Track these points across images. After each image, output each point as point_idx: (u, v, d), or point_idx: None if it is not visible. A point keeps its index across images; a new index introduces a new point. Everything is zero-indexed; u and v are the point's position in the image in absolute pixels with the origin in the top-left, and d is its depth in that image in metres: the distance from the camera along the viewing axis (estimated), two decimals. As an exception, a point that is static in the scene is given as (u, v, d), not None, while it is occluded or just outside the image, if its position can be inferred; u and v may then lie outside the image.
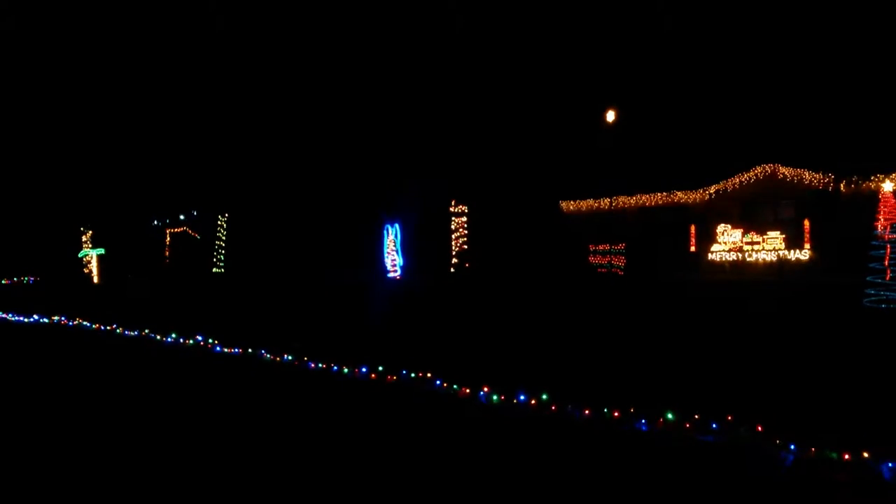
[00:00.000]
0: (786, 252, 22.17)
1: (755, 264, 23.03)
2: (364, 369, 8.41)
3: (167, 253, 43.74)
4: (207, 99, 42.32)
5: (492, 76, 34.76)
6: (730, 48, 29.21)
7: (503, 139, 32.81)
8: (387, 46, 38.46)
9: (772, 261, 22.46)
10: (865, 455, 4.80)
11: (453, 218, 33.04)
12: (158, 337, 12.35)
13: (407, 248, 33.73)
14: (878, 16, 25.66)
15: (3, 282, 40.43)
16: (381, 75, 38.95)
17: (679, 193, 25.96)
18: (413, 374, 7.98)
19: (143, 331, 13.01)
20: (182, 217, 43.06)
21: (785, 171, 23.14)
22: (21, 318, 16.85)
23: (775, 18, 28.68)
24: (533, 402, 6.66)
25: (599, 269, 27.01)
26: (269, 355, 9.84)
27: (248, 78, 41.73)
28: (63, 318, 15.99)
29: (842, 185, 21.52)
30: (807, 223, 22.14)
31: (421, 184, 33.43)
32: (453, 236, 33.21)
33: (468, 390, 7.22)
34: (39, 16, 41.54)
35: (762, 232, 23.22)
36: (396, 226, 33.79)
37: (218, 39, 41.47)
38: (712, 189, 25.08)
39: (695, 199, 25.58)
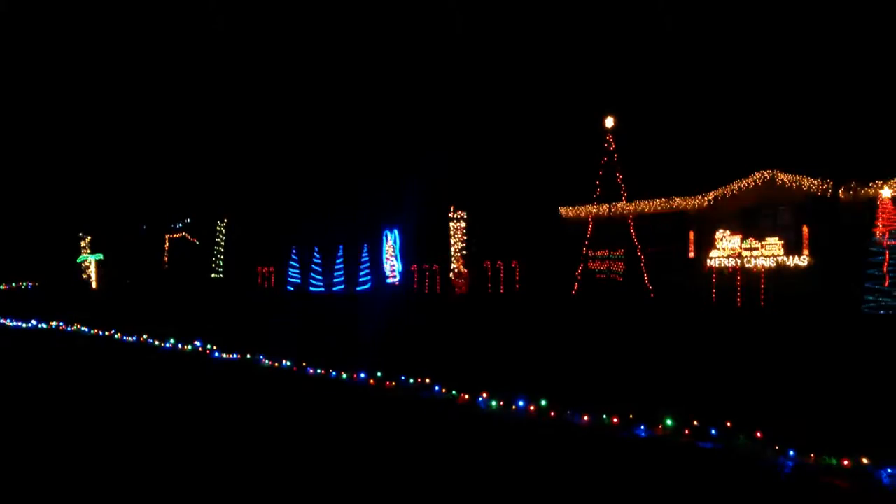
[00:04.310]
0: (784, 258, 22.13)
1: (754, 270, 23.05)
2: (363, 375, 8.38)
3: (166, 259, 43.64)
4: (205, 103, 42.35)
5: (490, 80, 34.80)
6: (729, 54, 29.29)
7: (501, 144, 32.79)
8: (386, 49, 38.50)
9: (770, 267, 22.43)
10: (864, 461, 4.79)
11: (451, 224, 32.94)
12: (157, 342, 12.32)
13: (406, 254, 33.64)
14: (877, 20, 25.75)
15: (0, 287, 40.37)
16: (380, 80, 38.99)
17: (678, 199, 25.99)
18: (412, 380, 7.96)
19: (142, 336, 12.97)
20: (181, 222, 43.00)
21: (783, 176, 23.14)
22: (19, 323, 16.79)
23: (773, 23, 28.78)
24: (532, 407, 6.65)
25: (598, 276, 27.00)
26: (267, 361, 9.82)
27: (244, 82, 41.76)
28: (62, 324, 15.93)
29: (840, 191, 21.52)
30: (805, 229, 22.11)
31: (420, 188, 33.38)
32: (451, 241, 33.12)
33: (467, 396, 7.21)
34: (38, 20, 41.59)
35: (761, 238, 23.27)
36: (395, 231, 33.71)
37: (215, 44, 41.52)
38: (711, 195, 25.11)
39: (693, 204, 25.60)
